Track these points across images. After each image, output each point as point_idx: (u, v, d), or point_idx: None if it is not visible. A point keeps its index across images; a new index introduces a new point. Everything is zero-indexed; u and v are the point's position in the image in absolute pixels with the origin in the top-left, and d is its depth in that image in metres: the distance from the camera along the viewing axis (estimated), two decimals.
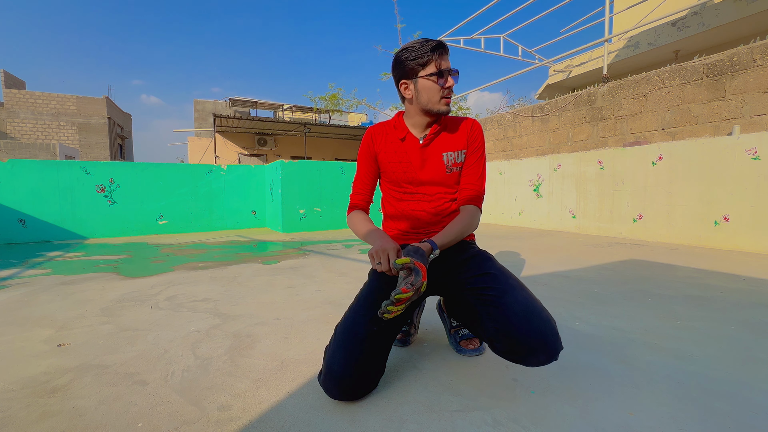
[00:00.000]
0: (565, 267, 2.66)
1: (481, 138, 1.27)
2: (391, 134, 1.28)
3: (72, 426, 0.89)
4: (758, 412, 0.92)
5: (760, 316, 1.61)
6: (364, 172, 1.31)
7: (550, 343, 0.93)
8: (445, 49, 1.17)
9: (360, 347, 0.99)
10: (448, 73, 1.15)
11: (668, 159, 3.80)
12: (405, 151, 1.25)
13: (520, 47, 8.82)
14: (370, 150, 1.29)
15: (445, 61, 1.16)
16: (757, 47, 4.15)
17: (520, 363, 0.99)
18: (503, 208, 5.89)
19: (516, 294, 1.00)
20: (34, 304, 1.88)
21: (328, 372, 0.98)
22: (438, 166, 1.23)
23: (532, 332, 0.93)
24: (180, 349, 1.32)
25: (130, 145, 24.52)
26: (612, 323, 1.54)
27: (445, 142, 1.24)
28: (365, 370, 0.99)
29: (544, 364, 0.96)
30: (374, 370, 1.02)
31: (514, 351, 0.96)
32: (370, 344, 1.00)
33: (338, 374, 0.96)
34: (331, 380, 0.97)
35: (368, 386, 1.01)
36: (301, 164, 5.11)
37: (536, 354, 0.94)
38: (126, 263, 3.00)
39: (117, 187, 4.84)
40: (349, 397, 0.99)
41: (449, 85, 1.16)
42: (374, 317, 1.03)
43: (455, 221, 1.16)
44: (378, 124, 1.32)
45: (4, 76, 18.73)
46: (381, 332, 1.02)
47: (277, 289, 2.12)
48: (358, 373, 0.97)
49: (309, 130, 14.21)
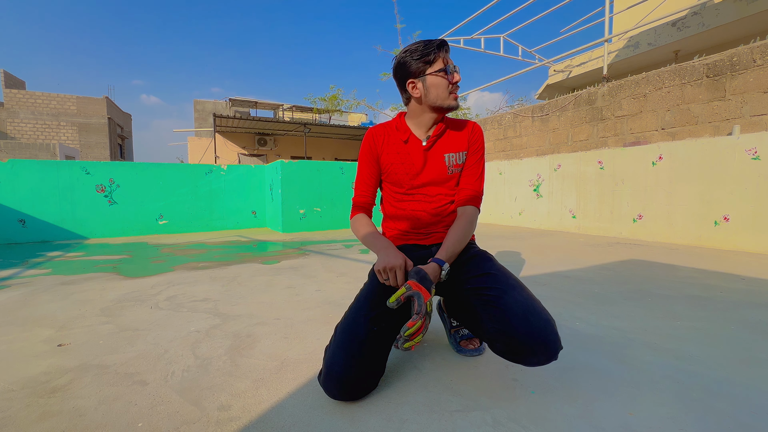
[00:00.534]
0: (565, 267, 2.66)
1: (481, 140, 1.29)
2: (393, 135, 1.28)
3: (72, 426, 0.89)
4: (758, 412, 0.92)
5: (760, 316, 1.61)
6: (367, 173, 1.31)
7: (550, 343, 0.93)
8: (448, 46, 1.20)
9: (360, 348, 0.99)
10: (453, 68, 1.19)
11: (668, 159, 3.80)
12: (408, 152, 1.25)
13: (520, 47, 8.82)
14: (372, 151, 1.29)
15: (449, 58, 1.20)
16: (757, 47, 4.15)
17: (520, 363, 0.99)
18: (503, 208, 5.88)
19: (516, 294, 1.00)
20: (34, 304, 1.88)
21: (328, 372, 0.98)
22: (440, 167, 1.24)
23: (532, 332, 0.93)
24: (180, 349, 1.32)
25: (130, 145, 24.53)
26: (612, 323, 1.54)
27: (447, 144, 1.25)
28: (365, 370, 0.99)
29: (544, 363, 0.96)
30: (374, 371, 1.02)
31: (513, 351, 0.97)
32: (370, 345, 1.00)
33: (338, 374, 0.96)
34: (331, 380, 0.97)
35: (368, 386, 1.02)
36: (301, 164, 5.11)
37: (536, 354, 0.94)
38: (126, 263, 3.00)
39: (117, 187, 4.84)
40: (349, 397, 0.99)
41: (456, 80, 1.19)
42: (374, 317, 1.03)
43: (456, 228, 1.17)
44: (378, 125, 1.32)
45: (4, 76, 18.73)
46: (381, 333, 1.02)
47: (277, 289, 2.12)
48: (358, 374, 0.97)
49: (309, 130, 14.21)
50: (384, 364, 1.05)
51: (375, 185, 1.33)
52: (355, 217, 1.30)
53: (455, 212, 1.25)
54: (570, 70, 10.39)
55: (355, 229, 1.28)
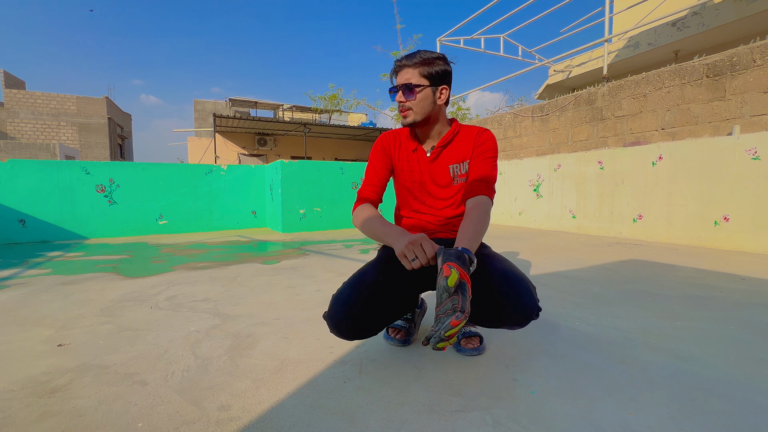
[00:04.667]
0: (565, 267, 2.66)
1: (488, 143, 1.24)
2: (404, 143, 1.30)
3: (72, 426, 0.89)
4: (758, 412, 0.92)
5: (760, 316, 1.61)
6: (378, 166, 1.29)
7: (525, 300, 0.99)
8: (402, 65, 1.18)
9: (368, 288, 1.07)
10: (397, 89, 1.18)
11: (668, 159, 3.80)
12: (416, 161, 1.28)
13: (520, 47, 8.82)
14: (385, 150, 1.31)
15: (399, 77, 1.19)
16: (757, 47, 4.15)
17: (500, 326, 1.07)
18: (503, 208, 5.88)
19: (497, 262, 1.08)
20: (34, 304, 1.88)
21: (337, 299, 1.06)
22: (445, 178, 1.26)
23: (510, 290, 1.00)
24: (180, 349, 1.32)
25: (130, 145, 24.52)
26: (612, 323, 1.54)
27: (452, 154, 1.26)
28: (371, 306, 1.06)
29: (523, 323, 1.02)
30: (378, 313, 1.08)
31: (493, 312, 1.03)
32: (377, 289, 1.08)
33: (346, 301, 1.05)
34: (339, 305, 1.05)
35: (370, 324, 1.08)
36: (301, 164, 5.11)
37: (514, 311, 1.00)
38: (126, 263, 3.00)
39: (117, 187, 4.84)
40: (351, 324, 1.05)
41: (398, 99, 1.19)
42: (384, 269, 1.10)
43: (471, 220, 1.08)
44: (390, 131, 1.34)
45: (4, 76, 18.72)
46: (388, 283, 1.08)
47: (277, 289, 2.12)
48: (364, 305, 1.05)
49: (309, 130, 14.21)
50: (387, 317, 1.11)
51: (385, 177, 1.30)
52: (359, 207, 1.24)
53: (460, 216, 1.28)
54: (570, 70, 10.39)
55: (360, 219, 1.20)
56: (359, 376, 1.11)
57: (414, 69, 1.16)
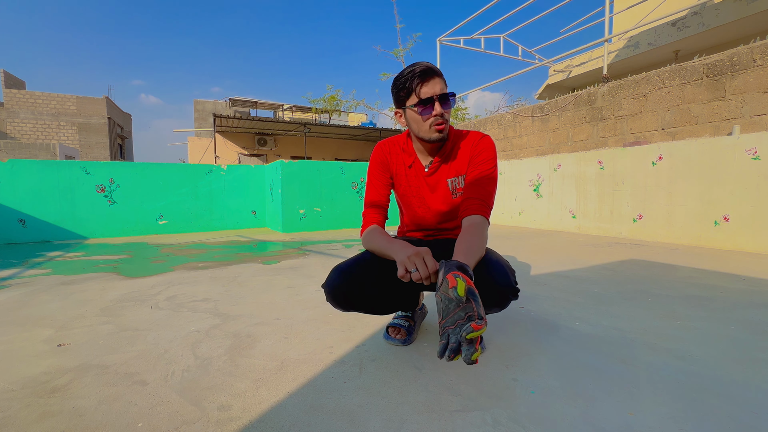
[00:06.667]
0: (565, 267, 2.66)
1: (485, 152, 1.17)
2: (400, 155, 1.27)
3: (72, 426, 0.89)
4: (758, 411, 0.92)
5: (760, 316, 1.61)
6: (378, 184, 1.27)
7: (498, 278, 0.99)
8: (430, 73, 1.07)
9: (366, 263, 1.13)
10: (434, 100, 1.07)
11: (668, 159, 3.80)
12: (414, 176, 1.25)
13: (520, 47, 8.82)
14: (384, 164, 1.27)
15: (429, 88, 1.07)
16: (757, 47, 4.15)
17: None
18: (503, 208, 5.88)
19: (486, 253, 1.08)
20: (34, 304, 1.88)
21: (335, 268, 1.11)
22: (444, 193, 1.23)
23: (485, 272, 1.00)
24: (180, 349, 1.32)
25: (130, 145, 24.52)
26: (612, 323, 1.54)
27: (450, 168, 1.21)
28: (368, 274, 1.11)
29: (502, 303, 1.02)
30: (374, 285, 1.12)
31: None
32: (374, 265, 1.13)
33: (345, 268, 1.10)
34: (337, 271, 1.09)
35: (364, 291, 1.11)
36: (301, 164, 5.11)
37: (489, 291, 0.99)
38: (126, 263, 3.00)
39: (117, 187, 4.84)
40: (347, 289, 1.08)
41: (436, 113, 1.07)
42: (385, 262, 1.12)
43: (465, 243, 1.01)
44: (387, 140, 1.29)
45: (4, 76, 18.72)
46: (388, 264, 1.09)
47: (277, 289, 2.12)
48: (359, 276, 1.10)
49: (309, 130, 14.21)
50: (382, 295, 1.15)
51: (387, 195, 1.27)
52: (366, 230, 1.20)
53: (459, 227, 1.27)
54: (570, 70, 10.39)
55: (369, 242, 1.17)
56: (359, 375, 1.11)
57: (442, 79, 1.09)
